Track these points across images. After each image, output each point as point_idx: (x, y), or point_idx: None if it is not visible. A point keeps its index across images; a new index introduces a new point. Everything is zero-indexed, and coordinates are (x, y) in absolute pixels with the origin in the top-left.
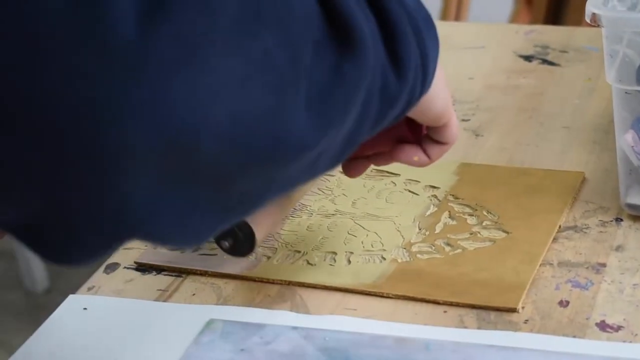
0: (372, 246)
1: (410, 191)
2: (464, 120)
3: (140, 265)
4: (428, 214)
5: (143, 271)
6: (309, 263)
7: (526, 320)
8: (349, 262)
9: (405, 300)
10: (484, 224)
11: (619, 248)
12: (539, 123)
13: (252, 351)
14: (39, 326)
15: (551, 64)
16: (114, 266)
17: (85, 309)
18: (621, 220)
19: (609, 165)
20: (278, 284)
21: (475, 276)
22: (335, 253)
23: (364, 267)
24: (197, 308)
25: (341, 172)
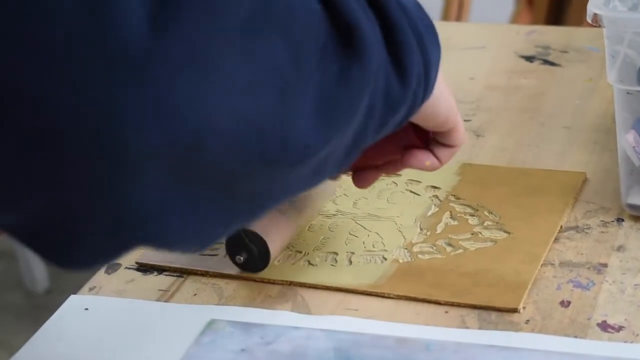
0: (374, 246)
1: (411, 191)
2: (464, 120)
3: (142, 265)
4: (429, 214)
5: (144, 271)
6: (310, 263)
7: (527, 321)
8: (350, 263)
9: (407, 301)
10: (485, 224)
11: (620, 248)
12: (540, 123)
13: (253, 351)
14: (39, 326)
15: (552, 64)
16: (115, 266)
17: (86, 309)
18: (622, 220)
19: (610, 165)
20: (279, 284)
21: (476, 276)
22: (336, 253)
23: (365, 268)
24: (198, 308)
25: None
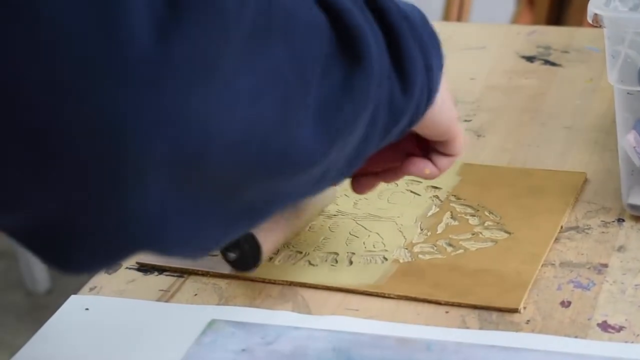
0: (374, 246)
1: (412, 192)
2: (465, 120)
3: (142, 265)
4: (430, 214)
5: (145, 271)
6: (310, 263)
7: (528, 321)
8: (351, 263)
9: (407, 301)
10: (486, 224)
11: (620, 248)
12: (541, 123)
13: (254, 351)
14: (40, 327)
15: (553, 64)
16: (115, 266)
17: (87, 309)
18: (623, 220)
19: (610, 165)
20: (280, 284)
21: (477, 277)
22: (337, 253)
23: (365, 268)
24: (199, 308)
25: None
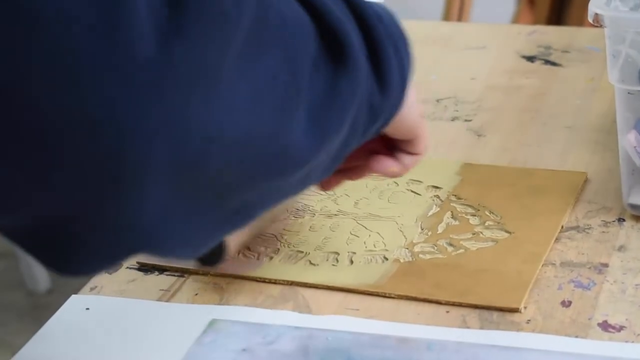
0: (375, 246)
1: (412, 191)
2: (466, 120)
3: (143, 265)
4: (430, 214)
5: (145, 271)
6: (311, 263)
7: (528, 321)
8: (352, 262)
9: (408, 301)
10: (487, 224)
11: (621, 248)
12: (542, 123)
13: (255, 351)
14: (41, 326)
15: (553, 64)
16: (115, 267)
17: (87, 309)
18: (624, 220)
19: (611, 165)
20: (280, 284)
21: (477, 276)
22: (337, 253)
23: (366, 267)
24: (200, 308)
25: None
